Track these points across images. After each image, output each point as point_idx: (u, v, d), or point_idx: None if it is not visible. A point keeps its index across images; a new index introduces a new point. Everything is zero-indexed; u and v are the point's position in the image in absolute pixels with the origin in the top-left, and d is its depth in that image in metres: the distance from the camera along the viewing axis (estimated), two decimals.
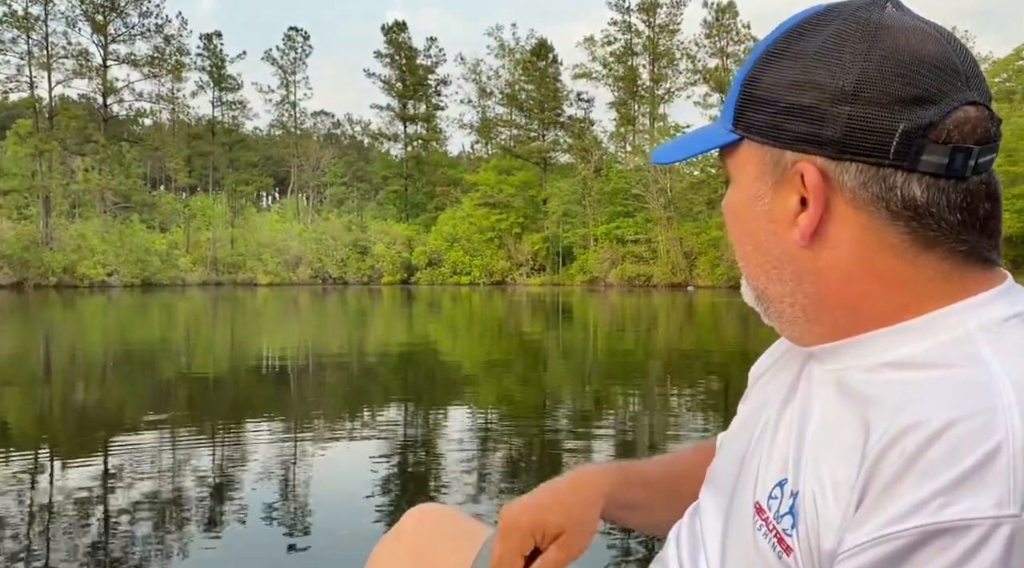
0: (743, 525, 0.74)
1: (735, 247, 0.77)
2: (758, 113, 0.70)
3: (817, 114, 0.66)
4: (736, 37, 61.15)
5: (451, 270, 60.13)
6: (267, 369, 10.43)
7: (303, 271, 60.56)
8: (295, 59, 73.01)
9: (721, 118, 0.75)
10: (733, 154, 0.74)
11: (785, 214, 0.70)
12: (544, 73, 66.57)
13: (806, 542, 0.65)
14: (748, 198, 0.73)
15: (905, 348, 0.66)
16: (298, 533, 3.49)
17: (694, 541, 0.84)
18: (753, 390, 0.90)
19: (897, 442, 0.58)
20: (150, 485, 4.25)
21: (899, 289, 0.67)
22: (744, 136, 0.72)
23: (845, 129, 0.66)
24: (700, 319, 22.49)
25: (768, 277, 0.74)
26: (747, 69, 0.72)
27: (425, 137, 72.87)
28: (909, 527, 0.55)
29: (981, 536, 0.53)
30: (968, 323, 0.65)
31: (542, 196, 61.46)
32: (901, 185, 0.65)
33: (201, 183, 72.86)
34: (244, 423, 6.21)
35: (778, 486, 0.71)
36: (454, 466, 4.78)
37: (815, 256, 0.70)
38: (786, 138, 0.68)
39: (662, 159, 0.80)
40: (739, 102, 0.72)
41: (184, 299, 35.37)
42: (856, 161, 0.66)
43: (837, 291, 0.69)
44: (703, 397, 7.89)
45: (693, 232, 52.53)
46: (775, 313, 0.76)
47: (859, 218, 0.67)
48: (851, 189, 0.66)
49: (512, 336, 16.57)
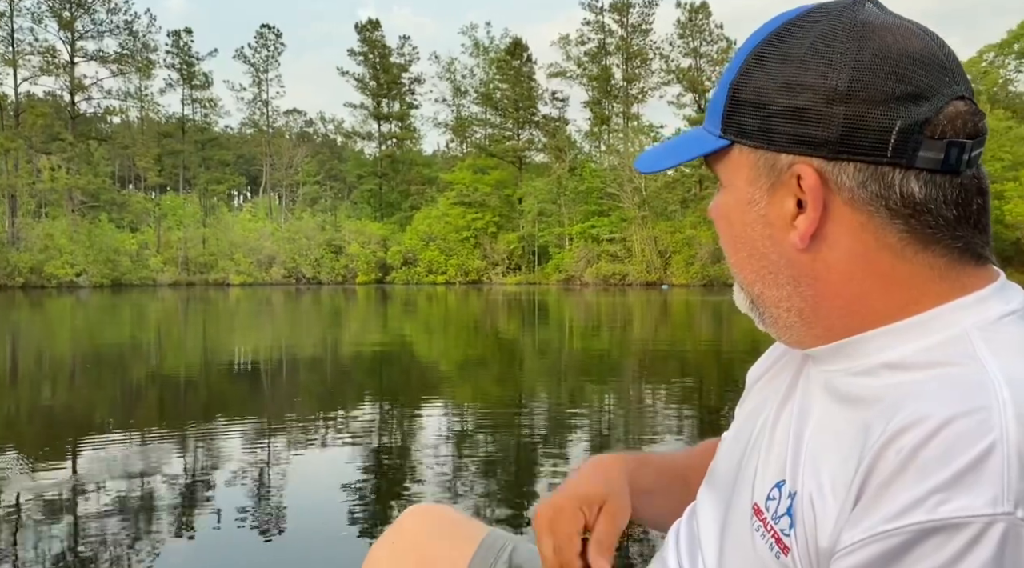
0: (741, 526, 0.75)
1: (727, 253, 0.76)
2: (749, 117, 0.69)
3: (812, 116, 0.66)
4: (709, 38, 61.69)
5: (426, 269, 59.93)
6: (240, 371, 10.30)
7: (276, 271, 60.01)
8: (267, 57, 72.33)
9: (708, 123, 0.74)
10: (723, 159, 0.73)
11: (782, 217, 0.70)
12: (519, 72, 66.61)
13: (804, 542, 0.65)
14: (742, 203, 0.72)
15: (901, 348, 0.67)
16: (277, 533, 3.44)
17: (692, 540, 0.84)
18: (751, 393, 0.90)
19: (894, 441, 0.58)
20: (144, 485, 4.17)
21: (896, 288, 0.68)
22: (735, 141, 0.71)
23: (842, 129, 0.65)
24: (675, 317, 22.62)
25: (764, 282, 0.73)
26: (733, 73, 0.71)
27: (399, 136, 72.55)
28: (904, 524, 0.56)
29: (975, 534, 0.54)
30: (964, 321, 0.65)
31: (517, 195, 61.49)
32: (899, 182, 0.65)
33: (171, 182, 71.88)
34: (216, 425, 6.11)
35: (776, 487, 0.71)
36: (433, 466, 4.75)
37: (812, 258, 0.69)
38: (781, 141, 0.68)
39: (648, 168, 0.79)
40: (727, 107, 0.71)
41: (155, 300, 34.88)
42: (854, 161, 0.66)
43: (835, 292, 0.69)
44: (678, 394, 7.92)
45: (668, 231, 52.88)
46: (770, 318, 0.75)
47: (857, 217, 0.67)
48: (849, 189, 0.66)
49: (488, 336, 16.54)
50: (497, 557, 1.01)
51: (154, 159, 67.01)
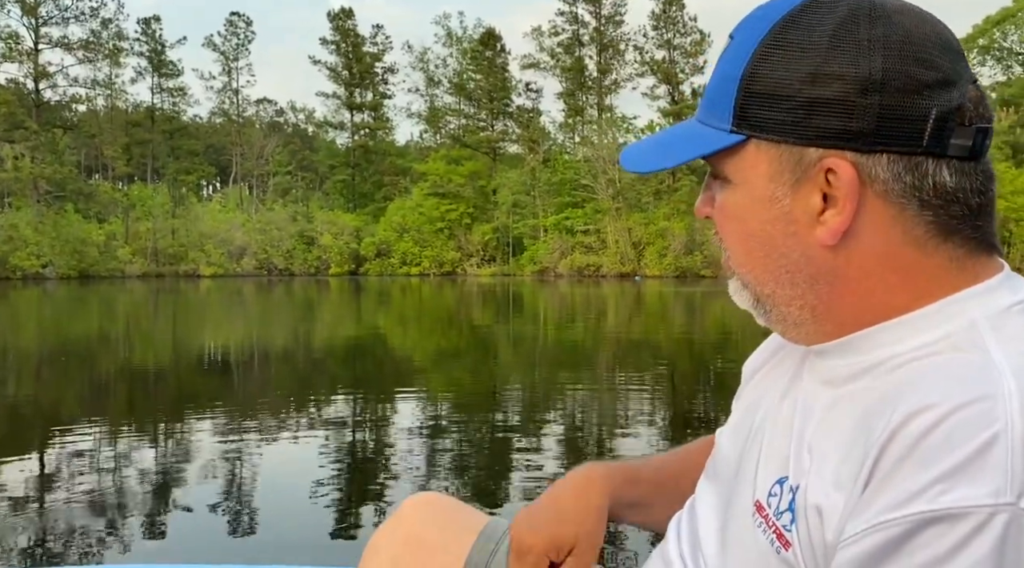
0: (742, 522, 0.74)
1: (735, 252, 0.73)
2: (770, 110, 0.66)
3: (845, 107, 0.64)
4: (683, 30, 61.86)
5: (401, 261, 59.60)
6: (210, 365, 10.17)
7: (247, 262, 59.32)
8: (237, 45, 71.27)
9: (706, 117, 0.71)
10: (733, 155, 0.69)
11: (807, 214, 0.67)
12: (492, 62, 66.34)
13: (807, 536, 0.65)
14: (759, 200, 0.69)
15: (911, 339, 0.66)
16: (276, 522, 3.40)
17: (692, 535, 0.84)
18: (747, 387, 0.89)
19: (899, 430, 0.58)
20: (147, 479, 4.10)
21: (915, 280, 0.67)
22: (752, 136, 0.68)
23: (877, 120, 0.64)
24: (649, 308, 22.75)
25: (778, 281, 0.71)
26: (743, 64, 0.68)
27: (373, 126, 71.96)
28: (906, 514, 0.56)
29: (977, 524, 0.54)
30: (972, 311, 0.65)
31: (491, 186, 61.33)
32: (933, 172, 0.64)
33: (139, 172, 70.65)
34: (189, 419, 6.04)
35: (777, 484, 0.71)
36: (424, 456, 4.73)
37: (835, 255, 0.67)
38: (810, 134, 0.65)
39: (642, 167, 0.75)
40: (740, 100, 0.67)
41: (124, 291, 34.34)
42: (888, 152, 0.64)
43: (853, 289, 0.68)
44: (652, 383, 7.96)
45: (641, 222, 53.11)
46: (778, 316, 0.73)
47: (888, 211, 0.65)
48: (883, 181, 0.65)
49: (466, 328, 16.51)
50: (497, 545, 1.01)
51: (122, 148, 65.78)
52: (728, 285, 0.78)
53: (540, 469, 4.54)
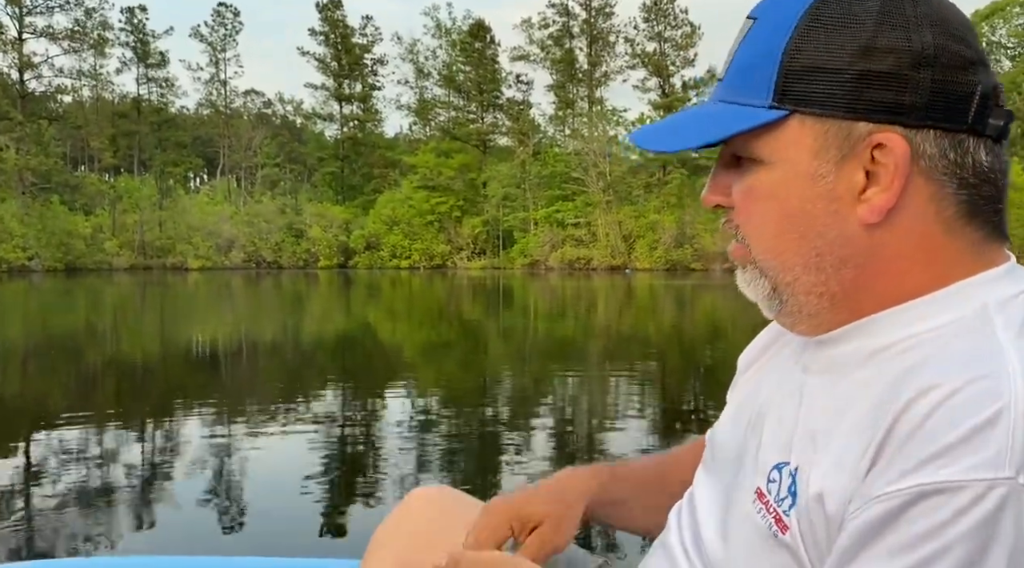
0: (742, 510, 0.74)
1: (764, 236, 0.71)
2: (816, 84, 0.65)
3: (898, 80, 0.63)
4: (674, 22, 61.80)
5: (390, 254, 59.39)
6: (200, 359, 10.06)
7: (236, 255, 58.97)
8: (225, 36, 70.67)
9: (734, 95, 0.70)
10: (768, 134, 0.68)
11: (850, 191, 0.66)
12: (482, 54, 66.06)
13: (808, 519, 0.65)
14: (801, 178, 0.67)
15: (920, 324, 0.67)
16: (279, 515, 3.34)
17: (694, 526, 0.84)
18: (743, 378, 0.90)
19: (906, 411, 0.59)
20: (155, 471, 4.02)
21: (937, 263, 0.67)
22: (796, 110, 0.66)
23: (929, 94, 0.63)
24: (640, 301, 22.74)
25: (805, 265, 0.69)
26: (783, 40, 0.66)
27: (362, 118, 71.58)
28: (906, 486, 0.56)
29: (974, 497, 0.54)
30: (983, 296, 0.66)
31: (481, 179, 61.16)
32: (973, 150, 0.65)
33: (126, 164, 70.04)
34: (177, 413, 5.95)
35: (776, 469, 0.71)
36: (425, 448, 4.67)
37: (871, 235, 0.67)
38: (862, 108, 0.64)
39: (665, 146, 0.74)
40: (782, 75, 0.66)
41: (110, 284, 34.07)
42: (936, 128, 0.64)
43: (880, 271, 0.68)
44: (644, 376, 7.92)
45: (632, 215, 53.13)
46: (794, 307, 0.72)
47: (928, 188, 0.65)
48: (930, 158, 0.64)
49: (454, 321, 16.44)
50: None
51: (108, 140, 65.20)
52: (737, 276, 0.76)
53: (533, 462, 4.49)
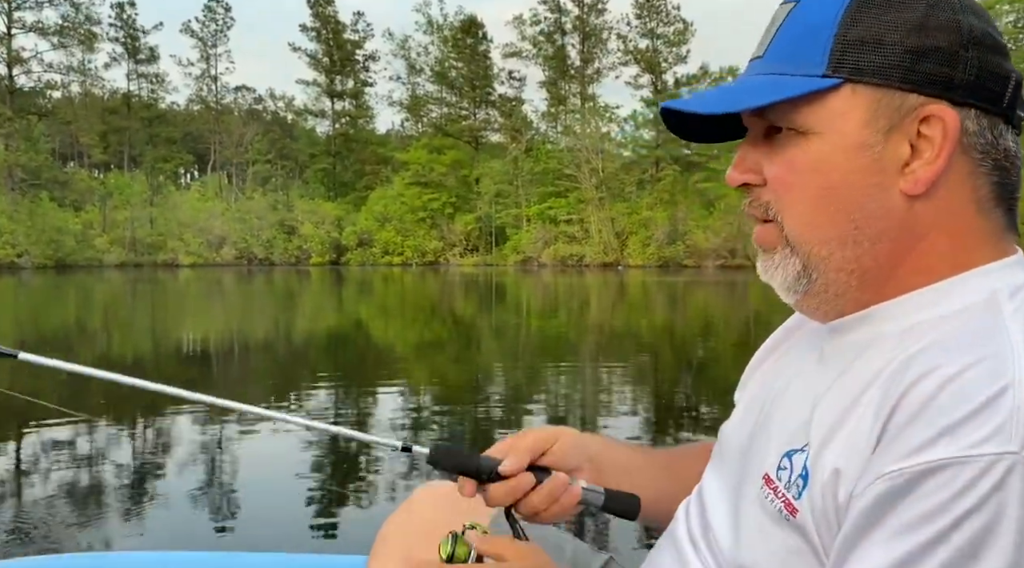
0: (752, 497, 0.75)
1: (793, 210, 0.71)
2: (873, 55, 0.67)
3: (951, 57, 0.66)
4: (666, 19, 61.77)
5: (382, 250, 59.24)
6: (192, 357, 10.00)
7: (227, 252, 58.72)
8: (216, 31, 70.32)
9: (786, 67, 0.70)
10: (815, 104, 0.69)
11: (895, 162, 0.67)
12: (474, 50, 65.91)
13: (819, 502, 0.66)
14: (849, 148, 0.68)
15: (932, 310, 0.68)
16: (284, 511, 3.31)
17: (703, 519, 0.84)
18: (752, 379, 0.91)
19: (911, 391, 0.60)
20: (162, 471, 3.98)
21: (963, 244, 0.69)
22: (850, 79, 0.67)
23: (978, 73, 0.66)
24: (632, 298, 22.74)
25: (842, 240, 0.70)
26: (837, 12, 0.68)
27: (354, 114, 71.35)
28: (912, 464, 0.57)
29: (979, 471, 0.55)
30: (993, 284, 0.67)
31: (474, 176, 61.06)
32: (1004, 134, 0.68)
33: (116, 160, 69.61)
34: (176, 409, 5.90)
35: (786, 457, 0.72)
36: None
37: (911, 208, 0.68)
38: (917, 80, 0.66)
39: (717, 107, 0.73)
40: (837, 45, 0.68)
41: (101, 281, 33.88)
42: (977, 107, 0.66)
43: (911, 246, 0.69)
44: (636, 371, 7.91)
45: (624, 212, 53.12)
46: (822, 285, 0.72)
47: (966, 166, 0.67)
48: (972, 134, 0.67)
49: (447, 319, 16.40)
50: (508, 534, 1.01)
51: (99, 136, 64.78)
52: (759, 264, 0.76)
53: None
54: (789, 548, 0.69)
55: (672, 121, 0.80)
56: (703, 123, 0.80)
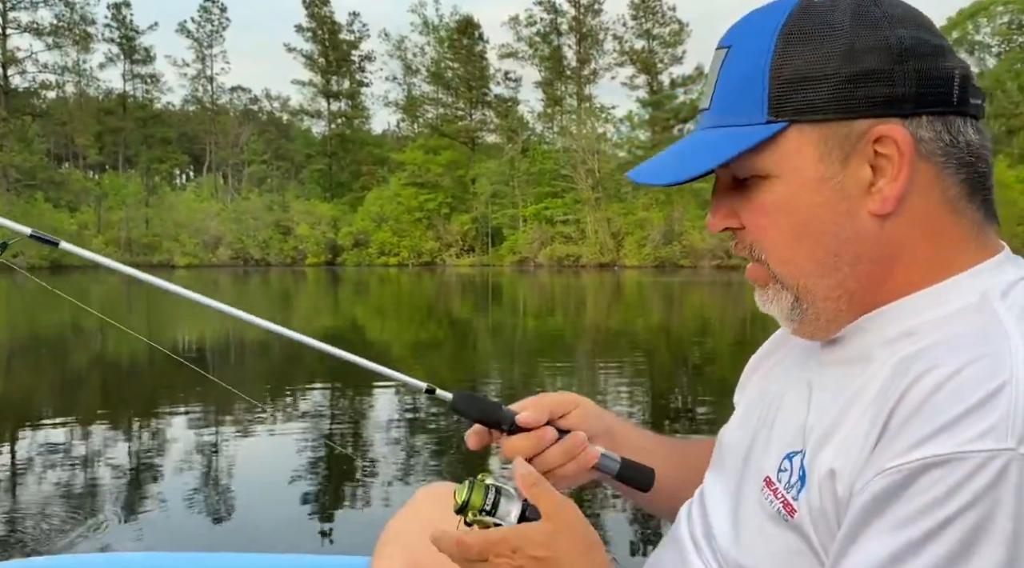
0: (752, 499, 0.76)
1: (773, 249, 0.73)
2: (808, 92, 0.68)
3: (886, 75, 0.66)
4: (662, 20, 61.78)
5: (379, 251, 59.12)
6: (194, 356, 9.98)
7: (223, 252, 58.56)
8: (211, 32, 70.15)
9: (728, 120, 0.72)
10: (768, 149, 0.70)
11: (858, 187, 0.68)
12: (470, 51, 65.87)
13: (818, 502, 0.66)
14: (808, 184, 0.69)
15: (927, 313, 0.69)
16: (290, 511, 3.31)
17: (705, 522, 0.85)
18: (751, 381, 0.92)
19: (909, 390, 0.61)
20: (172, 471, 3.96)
21: (944, 247, 0.70)
22: (794, 121, 0.69)
23: (918, 83, 0.66)
24: (629, 298, 22.76)
25: (822, 270, 0.71)
26: (765, 58, 0.69)
27: (349, 114, 71.25)
28: (909, 460, 0.58)
29: (975, 466, 0.55)
30: (983, 285, 0.68)
31: (470, 176, 61.00)
32: (963, 130, 0.68)
33: (111, 160, 69.43)
34: (176, 411, 5.88)
35: (787, 459, 0.72)
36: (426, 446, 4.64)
37: (883, 227, 0.69)
38: (858, 106, 0.67)
39: (664, 179, 0.75)
40: (773, 90, 0.69)
41: (96, 282, 33.78)
42: (928, 114, 0.67)
43: (893, 262, 0.70)
44: (632, 371, 7.91)
45: (621, 213, 53.13)
46: (814, 314, 0.73)
47: (930, 172, 0.68)
48: (927, 141, 0.67)
49: (444, 320, 16.38)
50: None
51: (94, 136, 64.60)
52: (757, 298, 0.77)
53: None
54: (788, 549, 0.69)
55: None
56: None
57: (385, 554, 1.06)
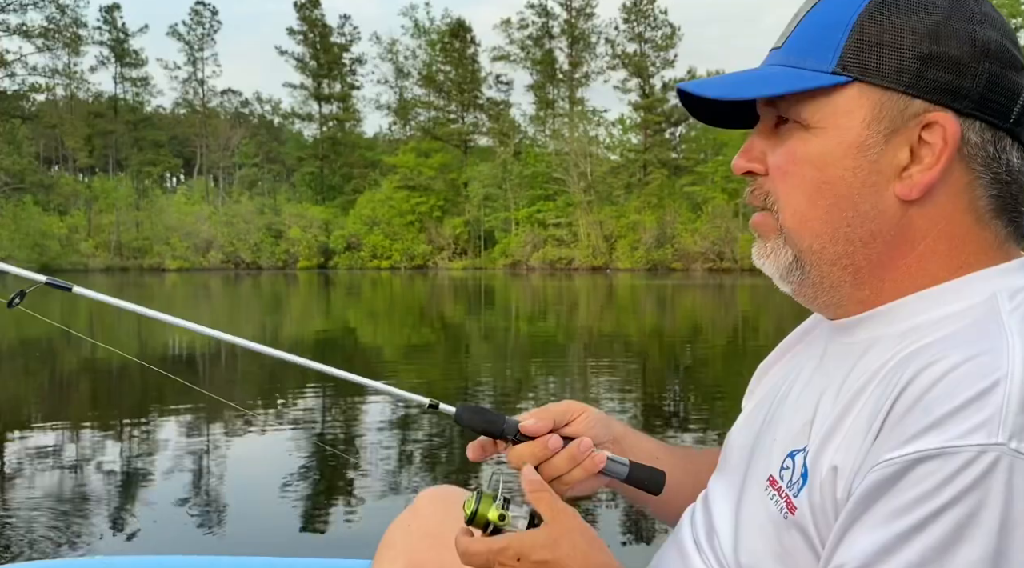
0: (755, 498, 0.76)
1: (788, 200, 0.73)
2: (882, 57, 0.67)
3: (961, 67, 0.66)
4: (654, 23, 61.94)
5: (371, 254, 59.04)
6: (185, 360, 9.90)
7: (214, 256, 58.38)
8: (202, 35, 69.98)
9: (796, 61, 0.71)
10: (821, 99, 0.70)
11: (892, 166, 0.68)
12: (462, 54, 65.89)
13: (818, 498, 0.66)
14: (849, 147, 0.69)
15: (936, 311, 0.69)
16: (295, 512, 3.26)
17: (708, 524, 0.85)
18: (760, 385, 0.92)
19: (909, 385, 0.61)
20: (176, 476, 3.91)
21: (961, 251, 0.69)
22: (858, 79, 0.68)
23: (986, 86, 0.66)
24: (621, 301, 22.75)
25: (834, 235, 0.71)
26: (854, 11, 0.69)
27: (341, 117, 71.14)
28: (902, 454, 0.58)
29: (966, 461, 0.56)
30: (994, 286, 0.68)
31: (462, 179, 61.01)
32: (1008, 149, 0.68)
33: (101, 163, 69.13)
34: (150, 419, 5.82)
35: (789, 457, 0.72)
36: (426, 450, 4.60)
37: (904, 212, 0.69)
38: (924, 87, 0.66)
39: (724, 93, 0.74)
40: (849, 44, 0.68)
41: (87, 285, 33.58)
42: (982, 120, 0.67)
43: (906, 251, 0.70)
44: (625, 374, 7.88)
45: (613, 216, 53.21)
46: (816, 277, 0.73)
47: (966, 177, 0.68)
48: (973, 146, 0.67)
49: (436, 324, 16.33)
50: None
51: (84, 139, 64.31)
52: (754, 250, 0.77)
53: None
54: (789, 546, 0.69)
55: (690, 101, 0.79)
56: (719, 107, 0.80)
57: (386, 557, 1.06)
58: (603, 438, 0.93)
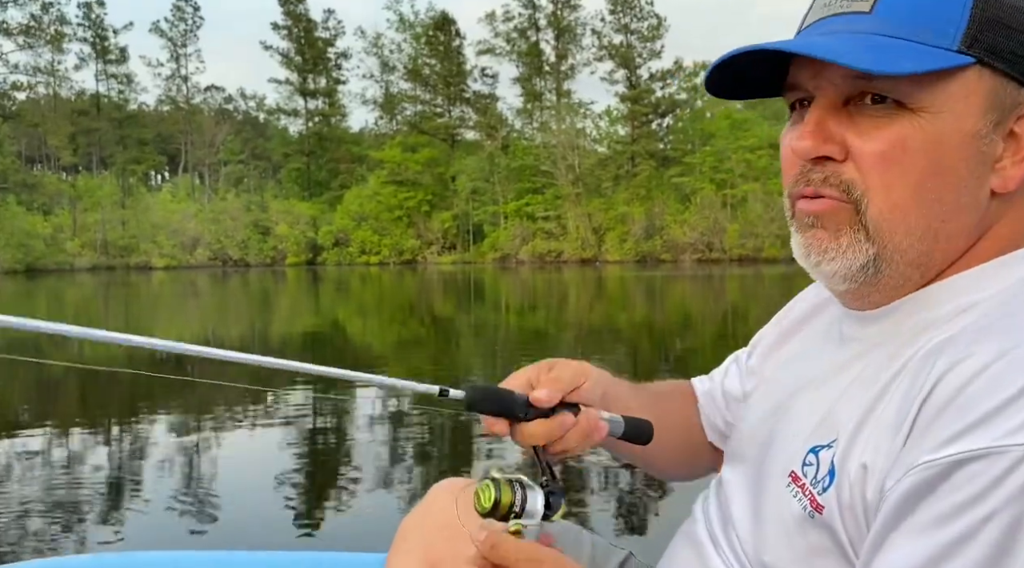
0: (776, 494, 0.73)
1: (889, 192, 0.65)
2: (1009, 40, 0.62)
3: None
4: (640, 14, 61.90)
5: (359, 250, 58.88)
6: (168, 362, 9.86)
7: (201, 253, 58.07)
8: (185, 31, 69.42)
9: (909, 33, 0.63)
10: (941, 80, 0.63)
11: (993, 158, 0.64)
12: (447, 48, 65.67)
13: (847, 497, 0.63)
14: (964, 135, 0.63)
15: (964, 297, 0.66)
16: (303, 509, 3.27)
17: (723, 515, 0.83)
18: (765, 366, 0.89)
19: (941, 381, 0.58)
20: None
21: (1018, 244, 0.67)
22: (983, 60, 0.62)
23: None
24: (611, 293, 22.81)
25: (925, 233, 0.65)
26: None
27: (327, 112, 70.81)
28: (943, 456, 0.55)
29: (1011, 463, 0.52)
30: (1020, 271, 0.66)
31: (450, 173, 60.89)
32: None
33: (85, 162, 68.54)
34: (141, 421, 5.81)
35: (812, 453, 0.69)
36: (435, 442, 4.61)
37: (992, 206, 0.65)
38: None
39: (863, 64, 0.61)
40: (975, 21, 0.62)
41: (73, 285, 33.36)
42: None
43: (982, 248, 0.67)
44: (615, 365, 7.92)
45: (601, 208, 53.26)
46: (890, 279, 0.68)
47: None
48: None
49: (426, 319, 16.33)
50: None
51: (67, 138, 63.74)
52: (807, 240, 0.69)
53: (513, 447, 4.46)
54: (815, 546, 0.66)
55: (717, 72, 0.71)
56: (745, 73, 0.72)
57: (402, 550, 1.05)
58: (595, 397, 0.92)
